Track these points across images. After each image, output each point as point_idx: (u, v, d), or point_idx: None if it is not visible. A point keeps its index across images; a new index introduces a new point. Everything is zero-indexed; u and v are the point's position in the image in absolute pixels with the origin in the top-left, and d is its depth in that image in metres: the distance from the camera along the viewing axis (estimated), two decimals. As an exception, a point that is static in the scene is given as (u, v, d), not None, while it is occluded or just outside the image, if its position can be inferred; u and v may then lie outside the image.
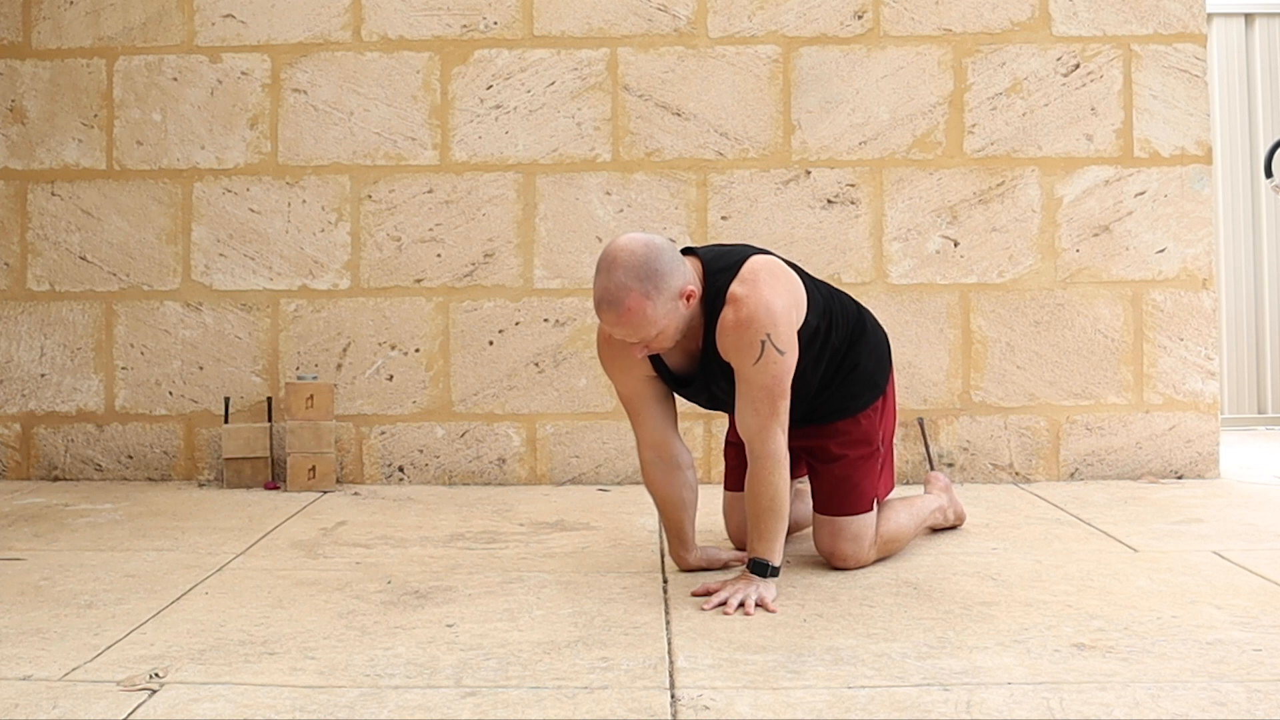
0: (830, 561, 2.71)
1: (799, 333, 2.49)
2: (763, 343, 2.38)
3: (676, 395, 2.65)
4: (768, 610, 2.36)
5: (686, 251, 2.53)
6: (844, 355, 2.66)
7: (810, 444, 2.71)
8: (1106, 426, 3.99)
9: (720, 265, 2.47)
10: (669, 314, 2.37)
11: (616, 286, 2.33)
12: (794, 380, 2.51)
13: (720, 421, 3.90)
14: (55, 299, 4.08)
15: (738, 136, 4.00)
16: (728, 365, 2.48)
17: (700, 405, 2.69)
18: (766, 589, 2.42)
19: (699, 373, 2.56)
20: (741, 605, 2.37)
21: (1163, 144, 3.99)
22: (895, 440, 3.85)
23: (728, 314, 2.42)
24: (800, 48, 4.00)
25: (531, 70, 4.02)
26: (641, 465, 2.67)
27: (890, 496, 2.84)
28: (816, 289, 2.63)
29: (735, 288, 2.42)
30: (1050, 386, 3.99)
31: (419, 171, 4.02)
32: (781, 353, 2.40)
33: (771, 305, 2.39)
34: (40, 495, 3.79)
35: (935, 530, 3.10)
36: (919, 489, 3.55)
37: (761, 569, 2.44)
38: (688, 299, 2.40)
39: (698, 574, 2.67)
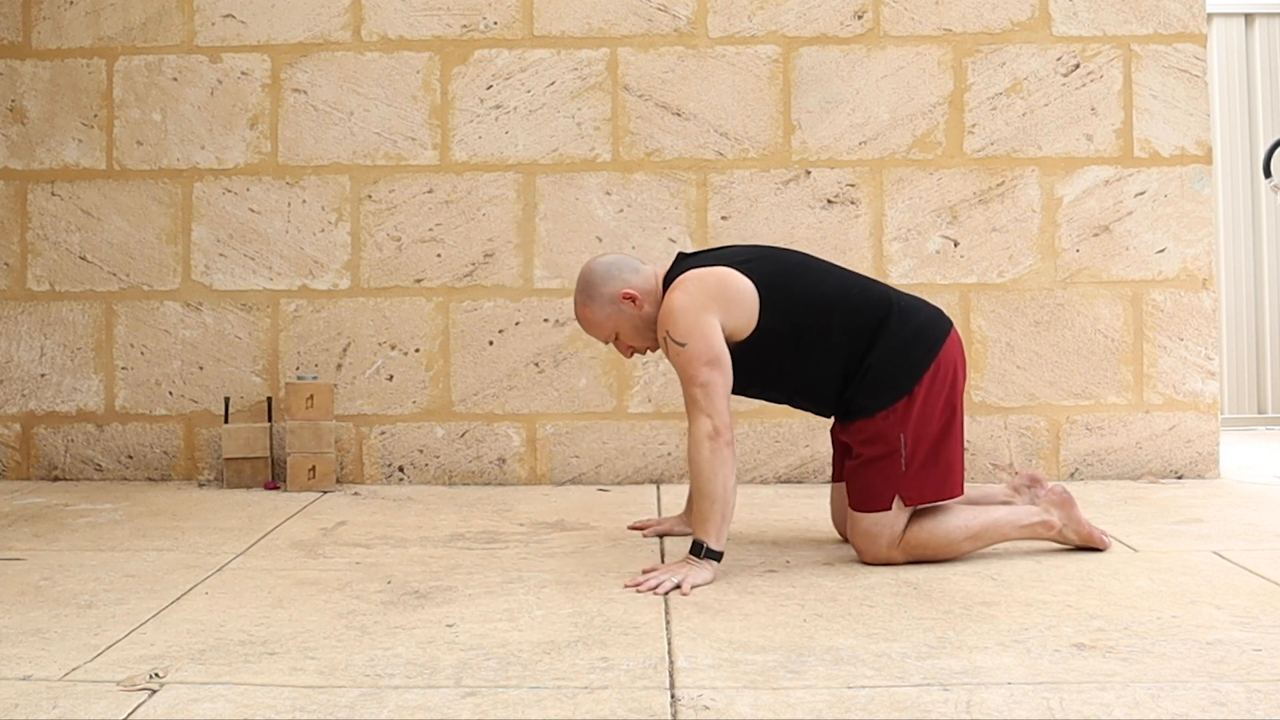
0: (854, 551, 2.80)
1: (750, 337, 2.68)
2: (664, 338, 2.66)
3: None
4: (681, 594, 2.46)
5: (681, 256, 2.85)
6: (861, 357, 2.73)
7: (841, 439, 2.86)
8: (1106, 426, 3.99)
9: (671, 275, 2.76)
10: (613, 315, 2.77)
11: (574, 303, 2.84)
12: (786, 373, 2.76)
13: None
14: (55, 299, 4.08)
15: (738, 136, 4.00)
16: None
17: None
18: (698, 573, 2.54)
19: None
20: (677, 587, 2.49)
21: (1163, 144, 3.99)
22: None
23: None
24: (800, 48, 4.00)
25: (531, 70, 4.02)
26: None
27: (959, 502, 2.76)
28: (808, 295, 2.74)
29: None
30: (1050, 386, 3.99)
31: (419, 171, 4.02)
32: (680, 344, 2.62)
33: (673, 306, 2.65)
34: (40, 495, 3.79)
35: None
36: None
37: (697, 549, 2.58)
38: (632, 300, 2.74)
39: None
